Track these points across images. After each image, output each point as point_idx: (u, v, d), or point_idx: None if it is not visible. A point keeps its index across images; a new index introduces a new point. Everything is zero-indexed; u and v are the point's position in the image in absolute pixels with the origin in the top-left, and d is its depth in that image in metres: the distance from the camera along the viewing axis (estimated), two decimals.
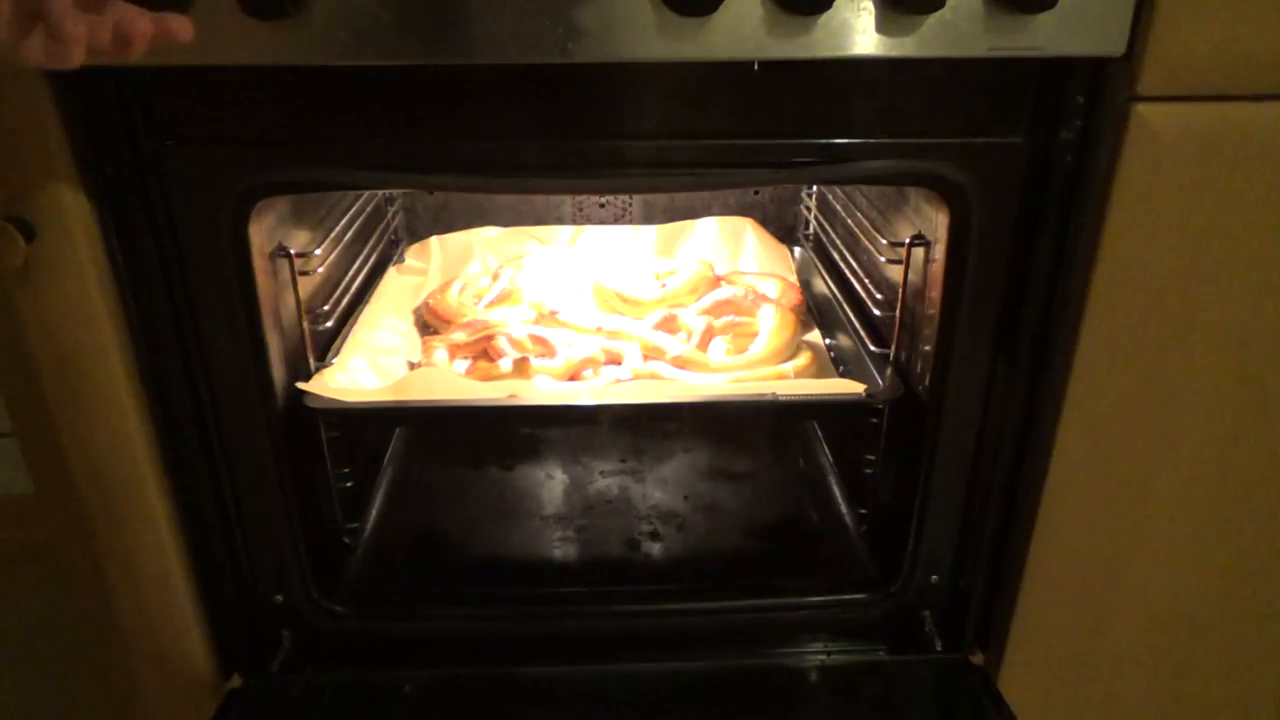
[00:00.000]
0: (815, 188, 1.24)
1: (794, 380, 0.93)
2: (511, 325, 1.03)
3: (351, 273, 1.07)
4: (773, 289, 1.09)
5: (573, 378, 0.97)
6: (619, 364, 0.99)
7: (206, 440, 0.77)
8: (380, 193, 1.20)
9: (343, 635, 0.90)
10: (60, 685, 1.19)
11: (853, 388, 0.87)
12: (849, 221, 1.08)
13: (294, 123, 0.68)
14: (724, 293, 1.07)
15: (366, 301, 1.08)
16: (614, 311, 1.09)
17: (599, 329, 1.03)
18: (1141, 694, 0.89)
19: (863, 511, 1.04)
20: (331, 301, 0.98)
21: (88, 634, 0.85)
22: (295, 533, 0.84)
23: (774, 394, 0.85)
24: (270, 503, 0.81)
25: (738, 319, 1.03)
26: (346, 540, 1.00)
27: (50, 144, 0.64)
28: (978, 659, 0.90)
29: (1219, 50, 0.63)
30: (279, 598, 0.85)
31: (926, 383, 0.83)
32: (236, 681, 0.87)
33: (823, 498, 1.10)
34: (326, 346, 0.97)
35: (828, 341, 1.03)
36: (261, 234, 0.75)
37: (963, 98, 0.68)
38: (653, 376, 0.95)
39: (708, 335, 1.02)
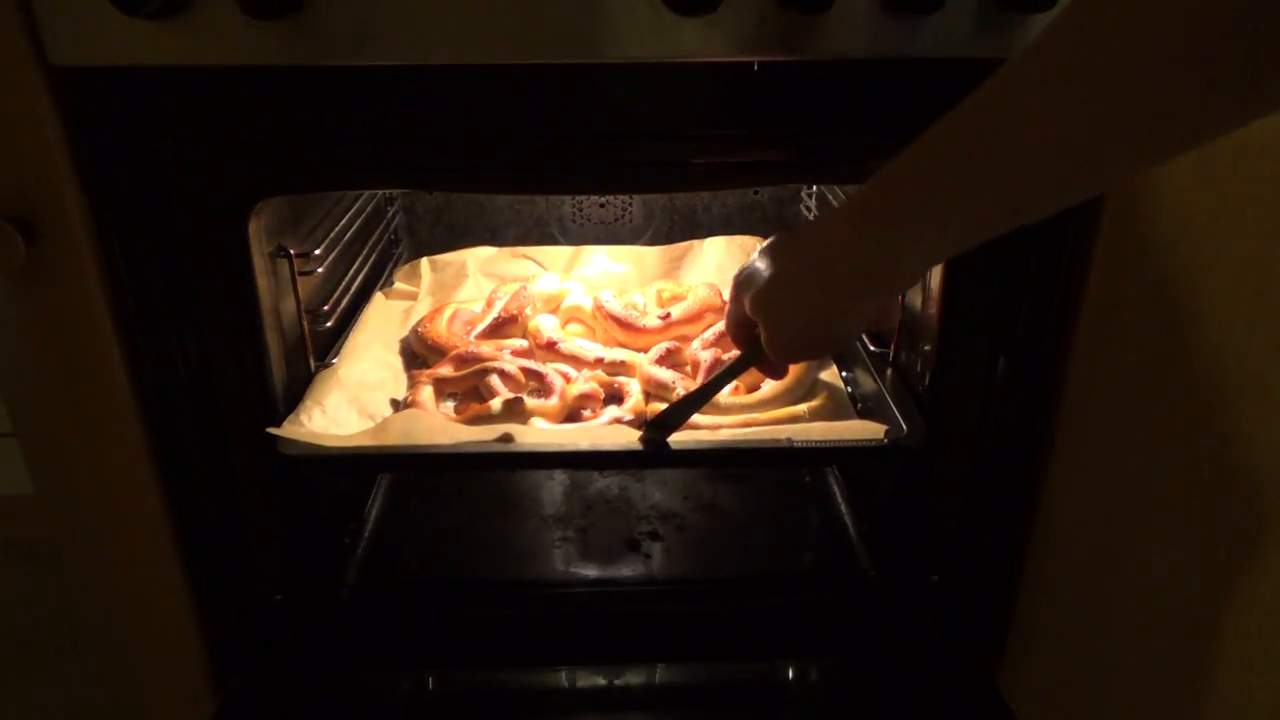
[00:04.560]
0: (815, 188, 1.24)
1: (809, 424, 0.87)
2: (504, 359, 0.96)
3: (351, 273, 1.07)
4: None
5: (571, 415, 0.92)
6: (620, 401, 0.93)
7: (206, 440, 0.77)
8: (380, 193, 1.20)
9: (343, 635, 0.90)
10: (60, 685, 1.19)
11: (872, 430, 0.81)
12: None
13: (294, 123, 0.68)
14: None
15: (350, 331, 1.01)
16: (615, 342, 1.04)
17: (599, 361, 0.98)
18: (1141, 694, 0.89)
19: (862, 511, 1.04)
20: (331, 301, 0.98)
21: (88, 634, 0.85)
22: (295, 532, 0.84)
23: (789, 439, 0.80)
24: (269, 502, 0.81)
25: None
26: (346, 540, 1.00)
27: (50, 145, 0.64)
28: (978, 659, 0.90)
29: None
30: (279, 597, 0.85)
31: (926, 382, 0.83)
32: (236, 681, 0.87)
33: (822, 497, 1.10)
34: (327, 347, 0.97)
35: (844, 374, 0.97)
36: (261, 234, 0.75)
37: (962, 98, 0.68)
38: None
39: (715, 371, 0.92)
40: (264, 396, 0.79)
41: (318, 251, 0.91)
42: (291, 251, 0.82)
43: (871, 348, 0.95)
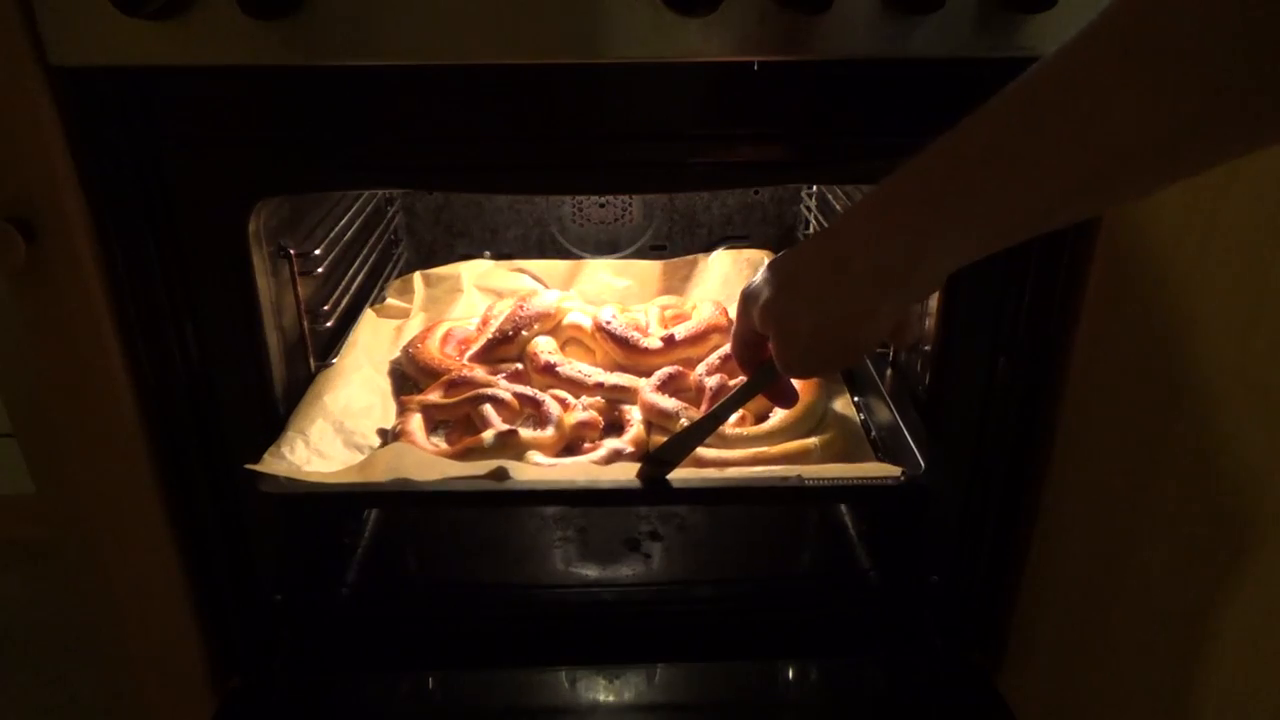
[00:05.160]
0: (815, 188, 1.24)
1: (819, 456, 0.83)
2: (498, 385, 0.92)
3: (351, 273, 1.07)
4: None
5: (569, 445, 0.89)
6: (621, 430, 0.90)
7: (206, 440, 0.77)
8: (380, 193, 1.20)
9: (343, 635, 0.90)
10: (60, 685, 1.19)
11: (887, 469, 0.77)
12: None
13: (294, 123, 0.68)
14: None
15: (338, 351, 0.97)
16: (615, 363, 0.99)
17: (599, 386, 0.94)
18: (1142, 694, 0.89)
19: (862, 511, 1.04)
20: (331, 302, 0.98)
21: (88, 634, 0.85)
22: (294, 532, 0.84)
23: (799, 476, 0.76)
24: (269, 502, 0.80)
25: None
26: (346, 540, 1.00)
27: (50, 144, 0.64)
28: (978, 659, 0.90)
29: None
30: (279, 597, 0.85)
31: (925, 382, 0.83)
32: (236, 682, 0.87)
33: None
34: (327, 347, 0.97)
35: (856, 399, 0.93)
36: (261, 234, 0.75)
37: (962, 98, 0.68)
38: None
39: (720, 398, 0.86)
40: (264, 396, 0.79)
41: (318, 251, 0.91)
42: (291, 251, 0.82)
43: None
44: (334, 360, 0.93)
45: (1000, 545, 0.85)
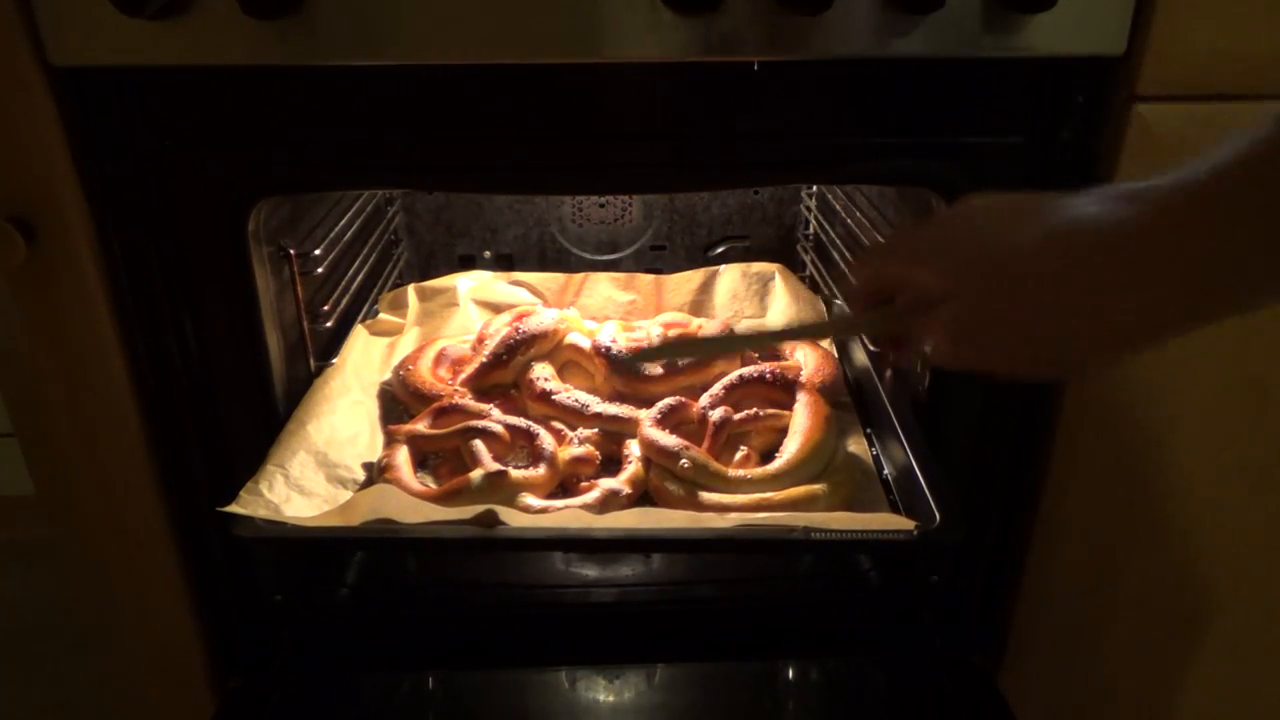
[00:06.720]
0: (815, 188, 1.24)
1: (826, 504, 0.79)
2: (490, 416, 0.87)
3: (351, 273, 1.07)
4: (805, 359, 0.95)
5: (563, 482, 0.84)
6: (619, 465, 0.85)
7: (206, 440, 0.77)
8: (380, 193, 1.20)
9: (343, 635, 0.90)
10: (60, 685, 1.19)
11: (899, 523, 0.72)
12: (849, 221, 1.08)
13: (293, 123, 0.68)
14: (747, 371, 0.91)
15: (338, 351, 0.96)
16: (615, 389, 0.94)
17: (597, 417, 0.89)
18: (1141, 694, 0.89)
19: None
20: (331, 302, 0.98)
21: (88, 634, 0.85)
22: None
23: (805, 528, 0.71)
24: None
25: (763, 412, 0.86)
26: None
27: (50, 144, 0.64)
28: (978, 659, 0.90)
29: (1219, 50, 0.63)
30: (279, 597, 0.85)
31: (926, 383, 0.83)
32: (237, 681, 0.87)
33: None
34: (327, 347, 0.97)
35: (868, 431, 0.90)
36: (261, 234, 0.75)
37: (962, 98, 0.68)
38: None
39: (724, 432, 0.85)
40: (264, 396, 0.79)
41: (318, 251, 0.91)
42: (291, 251, 0.82)
43: (872, 348, 0.95)
44: (334, 361, 0.93)
45: (1000, 545, 0.85)
